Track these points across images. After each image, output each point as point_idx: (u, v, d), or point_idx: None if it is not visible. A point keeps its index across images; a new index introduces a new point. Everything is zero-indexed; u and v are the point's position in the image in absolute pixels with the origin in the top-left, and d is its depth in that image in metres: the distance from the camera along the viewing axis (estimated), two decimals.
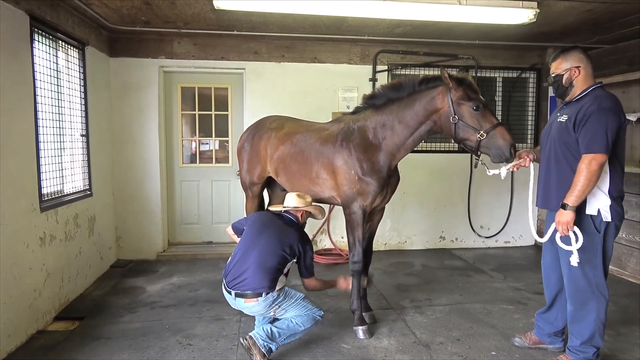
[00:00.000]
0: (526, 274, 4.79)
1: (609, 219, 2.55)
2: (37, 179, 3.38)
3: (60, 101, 3.92)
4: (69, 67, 4.08)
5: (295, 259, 2.88)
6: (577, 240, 2.51)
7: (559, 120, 2.67)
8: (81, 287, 4.15)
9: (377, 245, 5.50)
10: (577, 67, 2.60)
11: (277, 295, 2.78)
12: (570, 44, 5.02)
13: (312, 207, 3.08)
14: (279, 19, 4.46)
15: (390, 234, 5.76)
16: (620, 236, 4.62)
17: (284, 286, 2.87)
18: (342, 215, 3.39)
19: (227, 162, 5.61)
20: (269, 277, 2.73)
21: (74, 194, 4.06)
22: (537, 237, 2.91)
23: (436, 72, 5.28)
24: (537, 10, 3.74)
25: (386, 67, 5.52)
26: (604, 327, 2.67)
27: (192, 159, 5.66)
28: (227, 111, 5.55)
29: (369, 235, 3.51)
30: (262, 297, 2.71)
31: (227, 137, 5.59)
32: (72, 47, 4.12)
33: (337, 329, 3.38)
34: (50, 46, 3.76)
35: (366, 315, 3.44)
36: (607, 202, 2.55)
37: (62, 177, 3.91)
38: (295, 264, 2.93)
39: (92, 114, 4.45)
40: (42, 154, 3.48)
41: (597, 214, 2.56)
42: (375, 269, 4.81)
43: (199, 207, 5.60)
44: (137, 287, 4.30)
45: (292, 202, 3.04)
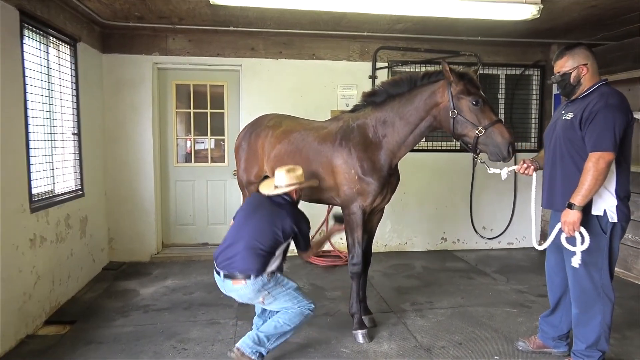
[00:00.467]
0: (530, 276, 4.79)
1: (615, 220, 2.55)
2: (27, 179, 3.37)
3: (51, 99, 3.91)
4: (60, 64, 4.06)
5: (290, 240, 2.85)
6: (583, 241, 2.50)
7: (564, 118, 2.67)
8: (72, 290, 4.13)
9: (377, 246, 5.50)
10: (585, 64, 2.60)
11: (267, 280, 2.73)
12: (574, 40, 5.03)
13: (306, 182, 3.04)
14: (276, 15, 4.45)
15: (390, 235, 5.76)
16: (626, 237, 4.63)
17: (276, 272, 2.81)
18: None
19: (223, 162, 5.60)
20: (259, 260, 2.70)
21: (65, 194, 4.05)
22: (536, 245, 2.89)
23: (438, 69, 5.29)
24: (541, 5, 3.74)
25: (386, 64, 5.52)
26: (610, 330, 2.67)
27: (187, 158, 5.65)
28: (223, 109, 5.54)
29: (369, 236, 3.51)
30: (250, 280, 2.68)
31: (223, 135, 5.57)
32: (63, 43, 4.10)
33: (336, 333, 3.38)
34: (41, 42, 3.74)
35: (366, 318, 3.43)
36: (614, 203, 2.55)
37: (53, 176, 3.89)
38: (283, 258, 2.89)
39: (84, 111, 4.44)
40: (32, 152, 3.46)
41: (603, 214, 2.56)
42: (375, 271, 4.81)
43: (194, 207, 5.59)
44: (130, 290, 4.29)
45: (283, 180, 2.95)
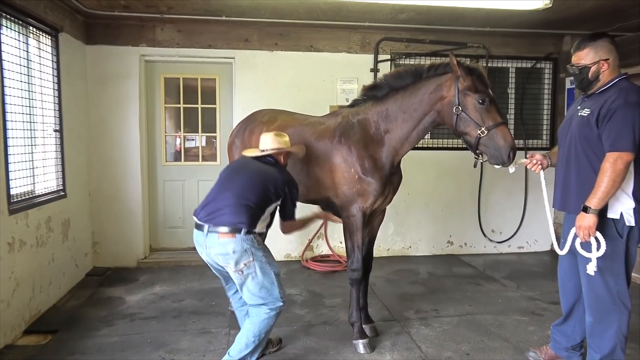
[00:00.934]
0: (541, 282, 4.79)
1: (633, 224, 2.54)
2: (4, 179, 3.34)
3: (31, 93, 3.90)
4: (40, 56, 4.04)
5: (279, 201, 2.81)
6: (598, 247, 2.49)
7: (579, 114, 2.66)
8: (54, 298, 4.11)
9: (379, 251, 5.50)
10: (606, 59, 2.56)
11: (254, 241, 2.66)
12: (588, 31, 5.02)
13: (294, 146, 3.03)
14: (271, 4, 4.44)
15: (393, 239, 5.75)
16: None
17: (262, 237, 2.77)
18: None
19: (215, 160, 5.59)
20: (250, 213, 2.64)
21: (46, 195, 4.03)
22: (558, 250, 2.87)
23: (446, 61, 5.28)
24: None
25: (389, 57, 5.51)
26: (626, 340, 2.66)
27: (177, 157, 5.64)
28: (215, 104, 5.53)
29: (369, 240, 3.50)
30: (239, 235, 2.60)
31: (215, 132, 5.56)
32: (44, 34, 4.08)
33: (335, 343, 3.37)
34: (19, 32, 3.73)
35: (367, 327, 3.42)
36: (631, 205, 2.54)
37: (33, 176, 3.87)
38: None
39: (67, 107, 4.42)
40: (10, 150, 3.44)
41: (620, 217, 2.55)
42: (376, 277, 4.80)
43: (183, 209, 5.57)
44: (116, 298, 4.27)
45: (271, 143, 2.93)
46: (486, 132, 2.84)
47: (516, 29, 5.33)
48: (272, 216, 2.86)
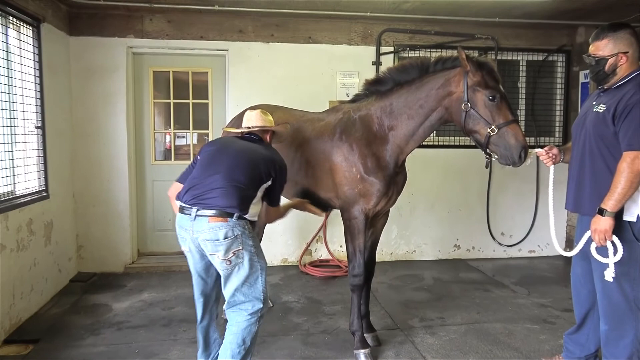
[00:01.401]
0: (554, 288, 4.81)
1: None
2: None
3: (10, 87, 3.89)
4: (21, 47, 4.04)
5: (270, 181, 2.75)
6: (615, 252, 2.50)
7: (595, 110, 2.66)
8: (36, 305, 4.11)
9: (382, 255, 5.51)
10: (625, 52, 2.56)
11: (246, 228, 2.62)
12: (603, 22, 5.03)
13: (279, 125, 3.03)
14: None
15: (396, 242, 5.76)
16: None
17: (253, 224, 2.76)
18: (340, 220, 3.38)
19: None
20: (242, 195, 2.59)
21: (27, 195, 4.02)
22: (561, 251, 2.89)
23: (454, 53, 5.30)
24: None
25: (392, 49, 5.52)
26: None
27: (166, 155, 5.64)
28: (207, 99, 5.54)
29: (372, 243, 3.51)
30: (232, 219, 2.54)
31: (207, 129, 5.57)
32: (24, 24, 4.08)
33: (335, 353, 3.38)
34: None
35: (368, 336, 3.43)
36: None
37: (14, 175, 3.87)
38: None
39: (49, 102, 4.42)
40: None
41: (637, 220, 2.55)
42: (379, 282, 4.81)
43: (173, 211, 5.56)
44: (102, 305, 4.27)
45: (256, 121, 2.91)
46: (496, 130, 2.84)
47: (527, 20, 5.35)
48: (263, 201, 2.82)
